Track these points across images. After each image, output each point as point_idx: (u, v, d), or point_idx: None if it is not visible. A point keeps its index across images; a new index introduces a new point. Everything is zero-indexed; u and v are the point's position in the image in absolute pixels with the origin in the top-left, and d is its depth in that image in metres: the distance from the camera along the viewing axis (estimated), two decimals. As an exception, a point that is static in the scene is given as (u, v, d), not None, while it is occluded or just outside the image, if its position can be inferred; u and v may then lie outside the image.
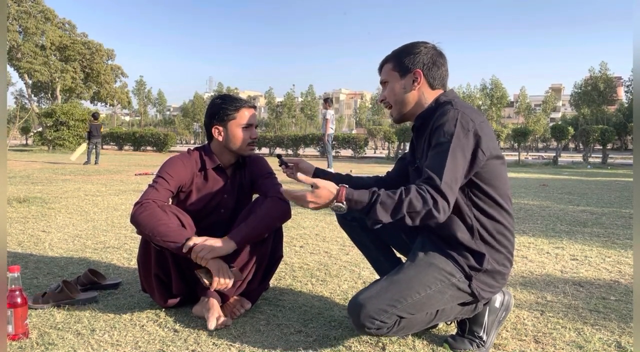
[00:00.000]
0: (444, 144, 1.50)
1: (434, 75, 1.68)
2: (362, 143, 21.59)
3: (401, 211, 1.42)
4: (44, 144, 21.97)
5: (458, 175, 1.49)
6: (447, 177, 1.46)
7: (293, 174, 2.06)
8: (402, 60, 1.69)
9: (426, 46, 1.69)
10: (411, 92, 1.69)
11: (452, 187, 1.47)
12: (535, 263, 2.96)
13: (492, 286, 1.63)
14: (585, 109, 42.88)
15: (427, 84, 1.68)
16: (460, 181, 1.51)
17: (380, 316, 1.51)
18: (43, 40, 28.49)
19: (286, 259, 2.94)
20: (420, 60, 1.67)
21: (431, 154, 1.54)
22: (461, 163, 1.50)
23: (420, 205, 1.43)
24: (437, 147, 1.52)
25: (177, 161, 2.05)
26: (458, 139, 1.50)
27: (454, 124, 1.51)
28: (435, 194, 1.44)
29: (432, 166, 1.50)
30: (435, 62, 1.68)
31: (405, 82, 1.69)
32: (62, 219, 4.23)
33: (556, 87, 72.09)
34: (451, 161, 1.48)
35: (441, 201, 1.44)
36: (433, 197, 1.44)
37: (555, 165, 16.00)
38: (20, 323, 1.72)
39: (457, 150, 1.49)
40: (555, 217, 4.68)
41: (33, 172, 9.24)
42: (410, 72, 1.68)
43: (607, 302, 2.23)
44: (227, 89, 61.99)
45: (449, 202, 1.46)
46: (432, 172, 1.48)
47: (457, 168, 1.49)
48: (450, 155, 1.48)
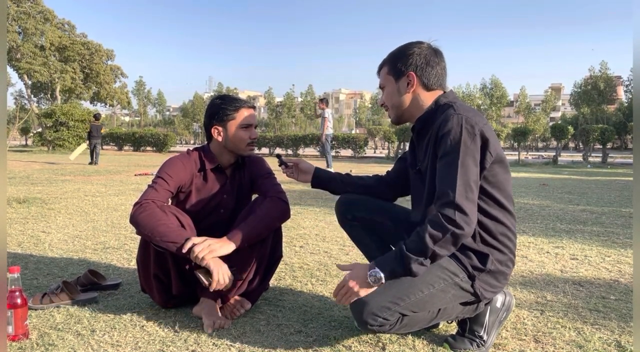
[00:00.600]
0: (452, 153, 1.50)
1: (428, 76, 1.67)
2: (361, 143, 21.57)
3: (429, 249, 1.45)
4: (44, 145, 21.97)
5: (472, 181, 1.49)
6: (460, 187, 1.46)
7: (293, 174, 2.06)
8: (395, 64, 1.70)
9: (420, 47, 1.69)
10: (406, 94, 1.69)
11: (468, 196, 1.47)
12: (535, 263, 2.96)
13: (494, 286, 1.63)
14: (585, 109, 42.84)
15: (422, 86, 1.68)
16: (476, 186, 1.50)
17: (383, 313, 1.51)
18: (42, 40, 28.50)
19: (286, 259, 2.94)
20: (412, 62, 1.67)
21: (440, 166, 1.53)
22: (473, 169, 1.50)
23: (440, 233, 1.44)
24: (446, 158, 1.51)
25: (176, 162, 2.05)
26: (465, 146, 1.50)
27: (459, 131, 1.51)
28: (449, 213, 1.44)
29: (443, 180, 1.50)
30: (429, 62, 1.67)
31: (400, 86, 1.70)
32: (62, 219, 4.24)
33: (556, 86, 72.05)
34: (462, 170, 1.48)
35: (458, 215, 1.44)
36: (448, 218, 1.44)
37: (555, 165, 16.00)
38: (21, 324, 1.72)
39: (467, 157, 1.49)
40: (555, 217, 4.68)
41: (33, 173, 9.24)
42: (404, 75, 1.68)
43: (607, 302, 2.23)
44: (227, 89, 61.93)
45: (468, 212, 1.45)
46: (444, 186, 1.48)
47: (470, 175, 1.49)
48: (461, 163, 1.48)
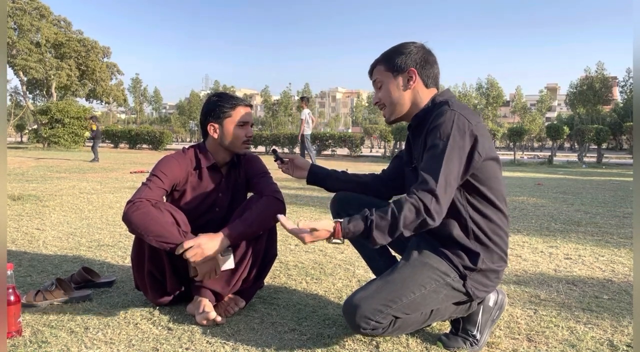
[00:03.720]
0: (440, 145, 1.51)
1: (427, 74, 1.69)
2: (358, 142, 21.57)
3: (398, 228, 1.45)
4: (39, 142, 21.84)
5: (453, 177, 1.50)
6: (442, 179, 1.47)
7: (289, 170, 2.06)
8: (394, 61, 1.69)
9: (415, 45, 1.70)
10: (407, 91, 1.69)
11: (446, 189, 1.48)
12: (529, 262, 2.97)
13: (486, 285, 1.64)
14: (581, 109, 42.96)
15: (422, 83, 1.69)
16: (456, 182, 1.52)
17: (376, 316, 1.51)
18: (38, 37, 28.36)
19: (281, 257, 2.94)
20: (412, 59, 1.67)
21: (427, 156, 1.54)
22: (457, 165, 1.50)
23: (414, 216, 1.45)
24: (433, 149, 1.52)
25: (171, 160, 2.05)
26: (454, 141, 1.51)
27: (450, 126, 1.52)
28: (428, 200, 1.45)
29: (427, 168, 1.51)
30: (427, 61, 1.68)
31: (400, 81, 1.69)
32: (57, 216, 4.22)
33: (552, 86, 72.32)
34: (447, 163, 1.49)
35: (434, 205, 1.46)
36: (425, 205, 1.45)
37: (551, 165, 16.05)
38: (14, 321, 1.72)
39: (453, 152, 1.50)
40: (550, 216, 4.70)
41: (28, 170, 9.20)
42: (404, 72, 1.68)
43: (600, 301, 2.25)
44: (224, 87, 61.78)
45: (442, 205, 1.47)
46: (427, 174, 1.49)
47: (453, 170, 1.50)
48: (446, 157, 1.49)
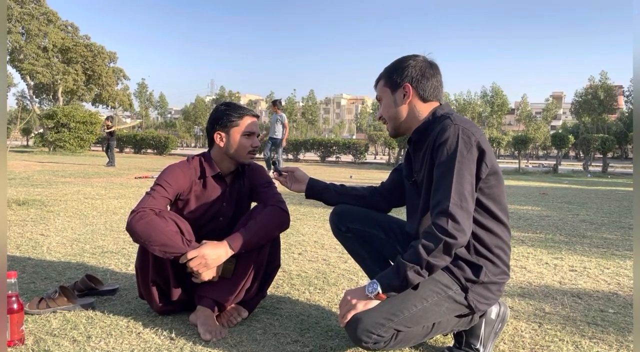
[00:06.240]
0: (448, 162, 1.51)
1: (424, 88, 1.69)
2: (362, 148, 21.60)
3: (423, 260, 1.45)
4: (45, 146, 21.99)
5: (466, 191, 1.49)
6: (455, 196, 1.47)
7: (286, 183, 2.07)
8: (391, 76, 1.72)
9: (415, 60, 1.71)
10: (402, 106, 1.71)
11: (462, 205, 1.47)
12: (534, 274, 2.95)
13: (488, 297, 1.63)
14: (586, 117, 42.91)
15: (418, 97, 1.70)
16: (471, 195, 1.51)
17: (377, 329, 1.50)
18: (45, 42, 28.62)
19: (284, 266, 2.94)
20: (408, 74, 1.69)
21: (436, 175, 1.54)
22: (468, 178, 1.50)
23: (433, 244, 1.45)
24: (442, 167, 1.52)
25: (175, 169, 2.05)
26: (462, 155, 1.50)
27: (455, 140, 1.52)
28: (443, 222, 1.45)
29: (438, 189, 1.51)
30: (424, 74, 1.69)
31: (396, 97, 1.72)
32: (61, 222, 4.23)
33: (557, 95, 72.23)
34: (457, 179, 1.48)
35: (451, 224, 1.44)
36: (440, 227, 1.45)
37: (556, 174, 16.00)
38: (16, 329, 1.71)
39: (462, 166, 1.50)
40: (555, 227, 4.67)
41: (33, 174, 9.24)
42: (400, 87, 1.70)
43: (606, 315, 2.23)
44: (229, 92, 62.05)
45: (461, 221, 1.45)
46: (439, 196, 1.49)
47: (465, 184, 1.49)
48: (456, 173, 1.49)
